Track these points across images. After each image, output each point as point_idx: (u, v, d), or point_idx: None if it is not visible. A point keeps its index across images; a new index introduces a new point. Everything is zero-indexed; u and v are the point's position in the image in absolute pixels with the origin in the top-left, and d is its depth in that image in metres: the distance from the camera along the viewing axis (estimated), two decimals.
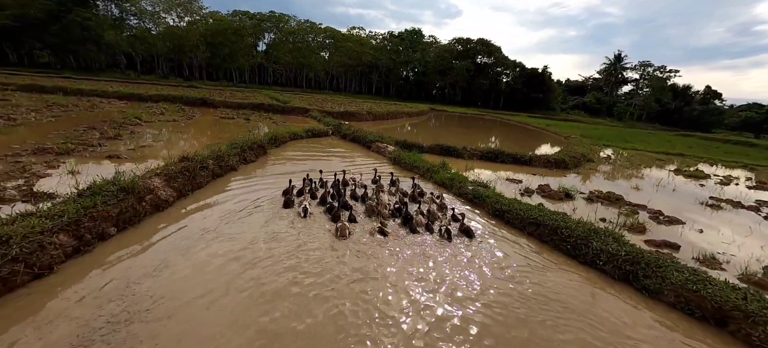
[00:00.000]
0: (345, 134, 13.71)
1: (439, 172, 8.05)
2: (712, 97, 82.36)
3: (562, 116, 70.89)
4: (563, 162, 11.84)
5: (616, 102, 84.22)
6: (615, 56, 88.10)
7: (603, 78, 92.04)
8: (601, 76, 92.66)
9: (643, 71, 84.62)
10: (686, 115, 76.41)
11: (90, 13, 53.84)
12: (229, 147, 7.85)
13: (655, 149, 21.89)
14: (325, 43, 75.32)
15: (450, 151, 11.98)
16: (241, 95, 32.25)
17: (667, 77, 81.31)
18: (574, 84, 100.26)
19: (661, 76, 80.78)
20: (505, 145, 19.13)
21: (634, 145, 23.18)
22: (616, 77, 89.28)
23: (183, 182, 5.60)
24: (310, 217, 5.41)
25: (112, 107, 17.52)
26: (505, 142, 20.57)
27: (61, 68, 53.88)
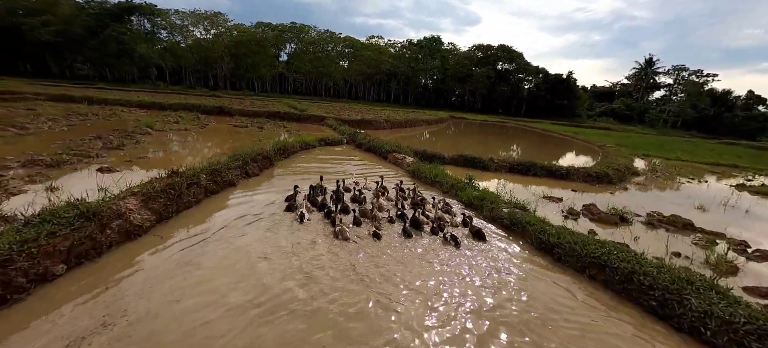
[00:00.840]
0: (360, 143, 12.81)
1: (465, 189, 6.91)
2: (755, 102, 76.07)
3: (589, 123, 67.52)
4: (606, 176, 10.35)
5: (647, 108, 79.54)
6: (646, 60, 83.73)
7: (632, 83, 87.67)
8: (630, 81, 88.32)
9: (677, 76, 79.83)
10: (727, 121, 70.85)
11: (125, 27, 57.11)
12: (229, 159, 7.09)
13: (702, 160, 19.64)
14: (344, 52, 76.03)
15: (474, 163, 10.79)
16: (260, 104, 32.33)
17: (704, 82, 76.02)
18: (601, 90, 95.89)
19: (698, 81, 75.60)
20: (532, 155, 17.62)
21: (676, 154, 20.96)
22: (647, 82, 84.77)
23: (165, 202, 4.79)
24: (306, 222, 5.25)
25: (130, 116, 17.57)
26: (532, 152, 19.03)
27: (97, 80, 57.11)
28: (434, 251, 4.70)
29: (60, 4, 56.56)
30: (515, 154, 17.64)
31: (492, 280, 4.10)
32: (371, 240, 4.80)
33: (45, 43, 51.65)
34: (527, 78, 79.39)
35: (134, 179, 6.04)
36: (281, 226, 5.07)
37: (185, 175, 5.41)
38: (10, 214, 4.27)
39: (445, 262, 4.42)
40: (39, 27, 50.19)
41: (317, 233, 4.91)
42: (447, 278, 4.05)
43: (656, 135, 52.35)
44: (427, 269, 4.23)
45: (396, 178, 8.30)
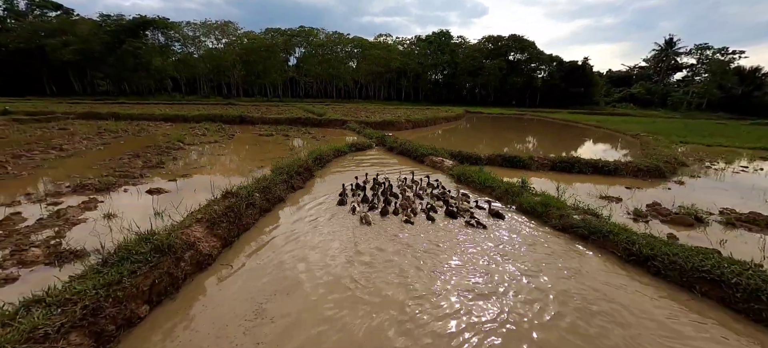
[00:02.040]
0: (391, 147, 12.52)
1: (521, 193, 6.51)
2: None
3: (609, 110, 65.55)
4: (657, 169, 9.73)
5: (669, 91, 76.26)
6: (666, 41, 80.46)
7: (652, 66, 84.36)
8: (648, 63, 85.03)
9: (700, 55, 76.31)
10: (756, 100, 67.22)
11: (140, 42, 58.82)
12: (274, 174, 6.92)
13: (744, 144, 18.48)
14: (353, 52, 75.94)
15: (513, 162, 10.34)
16: (276, 110, 32.49)
17: (729, 60, 72.29)
18: (617, 74, 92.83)
19: (723, 59, 71.92)
20: (559, 148, 17.02)
21: (715, 140, 19.84)
22: (668, 64, 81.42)
23: (227, 227, 4.63)
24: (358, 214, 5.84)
25: (158, 130, 17.85)
26: (560, 145, 18.36)
27: (116, 95, 59.02)
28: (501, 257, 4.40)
29: (79, 24, 58.74)
30: (531, 146, 17.04)
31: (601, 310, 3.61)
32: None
33: (67, 63, 53.71)
34: (541, 67, 77.48)
35: (186, 201, 5.94)
36: (341, 227, 5.24)
37: (241, 196, 5.24)
38: (79, 247, 4.18)
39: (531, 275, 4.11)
40: (60, 47, 52.18)
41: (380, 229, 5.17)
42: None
43: (682, 119, 50.17)
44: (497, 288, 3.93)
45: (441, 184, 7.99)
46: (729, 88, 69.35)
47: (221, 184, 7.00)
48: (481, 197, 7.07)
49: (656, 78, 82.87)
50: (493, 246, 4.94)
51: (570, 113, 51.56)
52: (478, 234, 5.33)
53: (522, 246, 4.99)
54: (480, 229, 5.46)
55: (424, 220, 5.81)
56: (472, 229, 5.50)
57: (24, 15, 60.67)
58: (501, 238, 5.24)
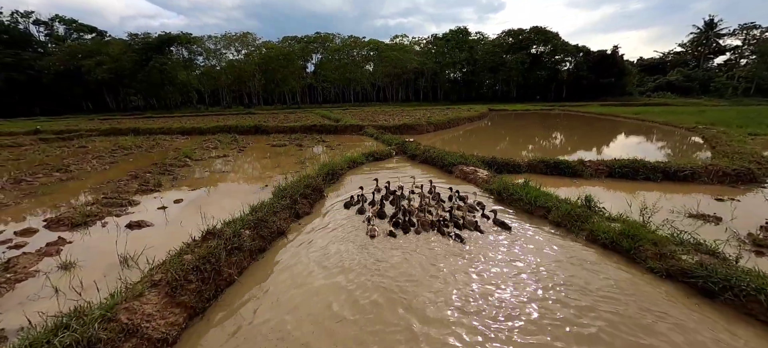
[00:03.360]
0: (414, 154, 11.13)
1: (589, 217, 4.95)
2: None
3: (644, 100, 61.00)
4: (749, 172, 7.78)
5: (712, 76, 70.21)
6: (706, 22, 74.48)
7: (689, 50, 78.11)
8: (685, 48, 78.83)
9: (746, 36, 69.89)
10: None
11: (166, 58, 61.18)
12: (274, 199, 5.76)
13: None
14: (369, 55, 75.33)
15: (560, 169, 8.67)
16: (293, 117, 32.01)
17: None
18: (649, 62, 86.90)
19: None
20: (600, 147, 14.97)
21: (758, 129, 16.99)
22: (710, 47, 75.12)
23: (198, 287, 3.44)
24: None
25: (172, 144, 17.48)
26: (599, 143, 16.26)
27: (145, 109, 61.60)
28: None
29: (111, 44, 61.95)
30: (571, 147, 15.04)
31: None
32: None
33: (101, 81, 56.66)
34: (566, 59, 73.57)
35: (163, 241, 4.88)
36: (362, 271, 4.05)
37: (224, 236, 4.09)
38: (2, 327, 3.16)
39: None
40: (95, 67, 55.12)
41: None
42: None
43: (731, 106, 45.45)
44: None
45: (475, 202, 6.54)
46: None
47: (215, 212, 5.94)
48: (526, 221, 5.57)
49: (694, 63, 76.84)
50: (587, 317, 3.37)
51: (601, 106, 48.15)
52: (554, 276, 3.86)
53: (625, 317, 3.28)
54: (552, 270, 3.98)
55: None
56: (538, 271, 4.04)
57: (63, 39, 64.78)
58: (589, 290, 3.74)
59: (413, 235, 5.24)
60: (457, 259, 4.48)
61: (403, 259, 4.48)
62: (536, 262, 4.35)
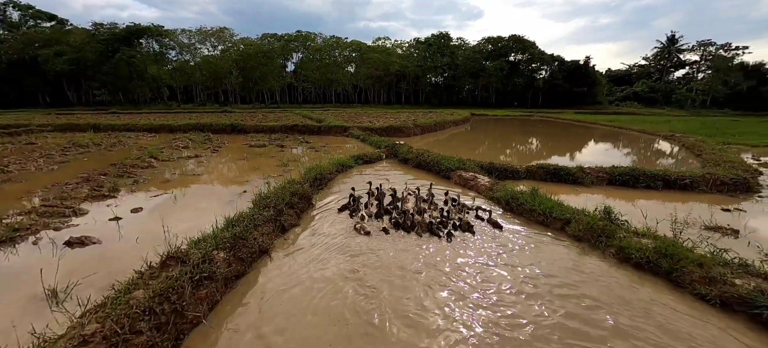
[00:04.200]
0: (406, 158, 10.47)
1: (615, 233, 4.46)
2: None
3: (613, 109, 64.18)
4: (744, 181, 7.75)
5: (673, 89, 75.09)
6: (668, 38, 79.73)
7: (653, 63, 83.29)
8: (648, 61, 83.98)
9: (703, 51, 75.36)
10: (763, 95, 65.97)
11: (134, 50, 57.47)
12: (255, 210, 4.91)
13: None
14: (351, 56, 74.42)
15: (560, 176, 8.34)
16: (273, 117, 30.65)
17: (733, 56, 71.33)
18: (617, 73, 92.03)
19: (726, 55, 70.93)
20: (586, 153, 15.04)
21: (744, 140, 17.89)
22: (671, 61, 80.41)
23: (149, 339, 2.55)
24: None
25: (137, 142, 15.91)
26: (584, 150, 16.39)
27: (110, 104, 57.46)
28: None
29: (72, 33, 57.39)
30: (546, 147, 15.03)
31: None
32: None
33: (61, 73, 52.23)
34: (542, 67, 76.37)
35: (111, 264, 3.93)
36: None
37: (191, 261, 3.22)
38: None
39: None
40: (53, 58, 50.73)
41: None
42: None
43: (691, 116, 48.48)
44: None
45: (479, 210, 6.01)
46: (733, 84, 68.26)
47: (181, 225, 5.00)
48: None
49: (657, 76, 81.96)
50: None
51: (576, 113, 50.03)
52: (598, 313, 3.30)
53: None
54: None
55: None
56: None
57: (17, 26, 59.29)
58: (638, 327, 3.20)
59: (415, 238, 4.80)
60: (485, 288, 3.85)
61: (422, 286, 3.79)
62: (576, 290, 3.79)
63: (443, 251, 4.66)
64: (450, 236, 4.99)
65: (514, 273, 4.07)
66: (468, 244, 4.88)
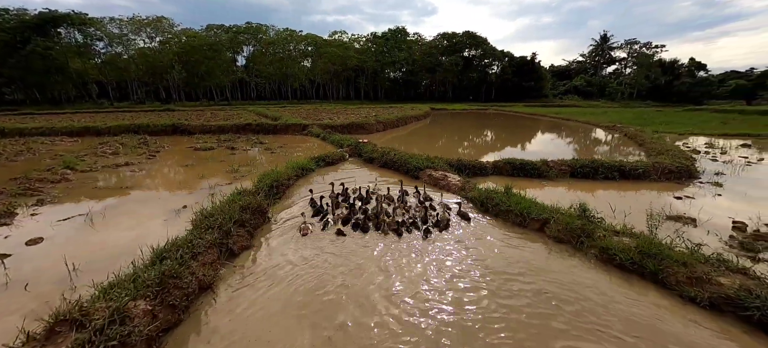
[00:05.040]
0: (371, 157, 9.86)
1: (594, 232, 4.28)
2: (696, 68, 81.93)
3: (557, 102, 69.42)
4: (686, 169, 8.34)
5: (606, 83, 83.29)
6: (601, 37, 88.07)
7: (589, 60, 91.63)
8: (584, 58, 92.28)
9: (629, 49, 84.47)
10: (676, 89, 75.96)
11: (51, 41, 49.59)
12: (194, 233, 4.00)
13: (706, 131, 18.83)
14: (307, 50, 71.75)
15: (526, 170, 8.33)
16: (223, 115, 28.23)
17: (653, 53, 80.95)
18: (558, 69, 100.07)
19: (648, 53, 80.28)
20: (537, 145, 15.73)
21: (687, 128, 20.06)
22: (604, 57, 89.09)
23: None
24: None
25: (53, 149, 13.43)
26: (539, 142, 17.16)
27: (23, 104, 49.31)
28: None
29: None
30: (493, 139, 15.57)
31: None
32: None
33: None
34: (494, 63, 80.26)
35: None
36: None
37: (94, 325, 2.34)
38: None
39: None
40: None
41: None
42: None
43: (622, 108, 53.93)
44: None
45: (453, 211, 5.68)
46: (654, 79, 77.35)
47: (91, 261, 3.96)
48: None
49: (592, 71, 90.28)
50: None
51: (525, 106, 53.16)
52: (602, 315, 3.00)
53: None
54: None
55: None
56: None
57: None
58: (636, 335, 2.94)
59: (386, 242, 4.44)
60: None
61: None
62: (570, 297, 3.50)
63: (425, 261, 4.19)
64: (427, 233, 4.87)
65: (496, 285, 3.71)
66: (446, 249, 4.49)
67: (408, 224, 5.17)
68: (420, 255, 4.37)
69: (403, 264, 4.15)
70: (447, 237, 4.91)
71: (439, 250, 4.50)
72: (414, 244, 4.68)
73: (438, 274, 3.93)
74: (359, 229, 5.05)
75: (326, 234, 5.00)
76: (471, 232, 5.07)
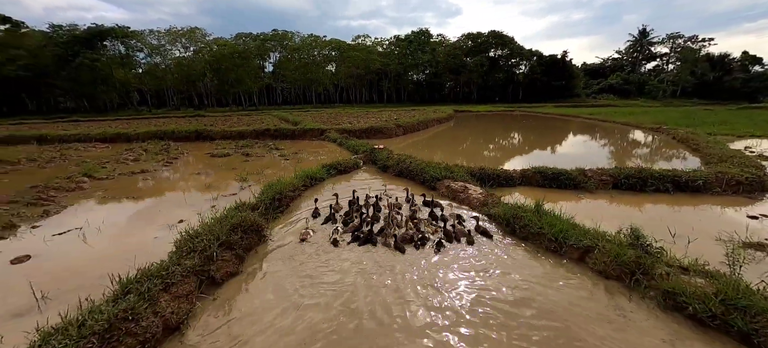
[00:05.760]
0: (385, 165, 9.24)
1: (653, 267, 3.35)
2: (751, 62, 74.38)
3: (591, 102, 65.37)
4: (758, 181, 6.98)
5: (645, 80, 77.62)
6: (640, 31, 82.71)
7: (626, 56, 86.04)
8: (621, 54, 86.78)
9: (672, 44, 78.37)
10: (727, 85, 69.42)
11: (97, 53, 53.57)
12: (173, 258, 3.56)
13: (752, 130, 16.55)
14: (331, 55, 72.62)
15: (560, 180, 7.33)
16: (247, 120, 28.84)
17: (700, 48, 74.59)
18: (591, 67, 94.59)
19: (693, 47, 74.07)
20: (570, 149, 14.35)
21: (741, 129, 17.73)
22: (643, 53, 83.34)
23: None
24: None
25: (84, 154, 14.01)
26: (574, 147, 15.72)
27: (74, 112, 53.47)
28: None
29: (27, 36, 52.92)
30: (520, 142, 14.26)
31: None
32: None
33: (15, 80, 48.05)
34: (521, 62, 77.24)
35: None
36: None
37: None
38: None
39: None
40: (4, 63, 46.53)
41: None
42: None
43: (664, 107, 49.84)
44: None
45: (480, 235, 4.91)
46: (701, 75, 71.26)
47: (59, 297, 3.61)
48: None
49: (629, 68, 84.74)
50: None
51: (555, 107, 50.48)
52: None
53: None
54: None
55: None
56: None
57: None
58: None
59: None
60: None
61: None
62: None
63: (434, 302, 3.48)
64: (440, 246, 4.52)
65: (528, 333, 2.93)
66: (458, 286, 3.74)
67: (417, 241, 4.68)
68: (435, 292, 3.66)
69: (411, 300, 3.46)
70: (465, 261, 4.16)
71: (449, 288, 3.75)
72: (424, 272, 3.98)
73: (451, 320, 3.20)
74: (366, 243, 4.76)
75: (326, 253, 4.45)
76: (493, 259, 4.28)
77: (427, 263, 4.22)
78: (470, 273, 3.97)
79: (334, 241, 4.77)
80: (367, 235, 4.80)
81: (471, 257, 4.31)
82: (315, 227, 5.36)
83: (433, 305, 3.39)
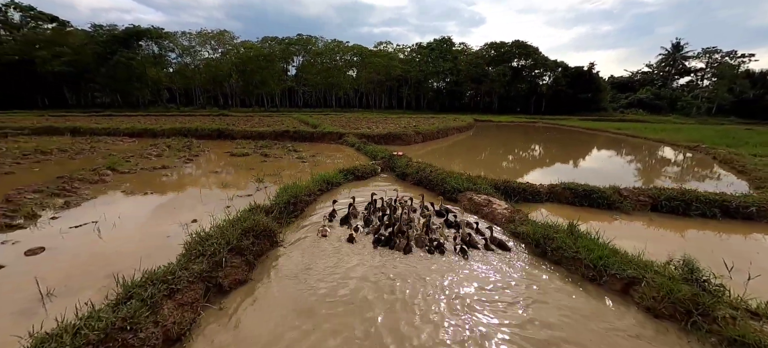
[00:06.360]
0: (404, 173, 8.95)
1: (714, 308, 2.90)
2: None
3: (618, 116, 62.67)
4: None
5: (678, 96, 73.67)
6: (673, 45, 78.70)
7: (657, 70, 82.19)
8: (651, 68, 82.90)
9: (708, 59, 74.24)
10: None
11: (133, 53, 56.75)
12: (181, 262, 3.41)
13: None
14: (353, 60, 73.54)
15: (592, 199, 6.81)
16: (268, 120, 29.35)
17: (739, 63, 70.21)
18: (619, 80, 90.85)
19: (732, 63, 69.78)
20: (595, 165, 13.53)
21: (762, 150, 16.26)
22: (676, 68, 79.34)
23: None
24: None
25: (112, 148, 14.53)
26: (600, 162, 14.87)
27: (109, 107, 56.53)
28: None
29: (71, 35, 56.72)
30: (543, 155, 13.49)
31: None
32: None
33: (59, 75, 51.52)
34: (545, 73, 75.34)
35: None
36: None
37: None
38: None
39: None
40: (50, 59, 50.01)
41: None
42: None
43: (699, 124, 47.07)
44: None
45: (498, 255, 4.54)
46: (740, 92, 67.01)
47: (66, 292, 3.51)
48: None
49: (661, 83, 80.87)
50: None
51: (581, 120, 48.71)
52: None
53: None
54: None
55: None
56: None
57: (18, 27, 58.58)
58: None
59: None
60: None
61: None
62: None
63: None
64: (464, 253, 4.53)
65: None
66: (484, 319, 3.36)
67: (432, 247, 4.69)
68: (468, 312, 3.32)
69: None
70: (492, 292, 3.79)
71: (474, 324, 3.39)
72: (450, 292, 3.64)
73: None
74: (385, 245, 4.80)
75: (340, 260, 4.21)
76: (522, 290, 3.88)
77: (456, 277, 3.88)
78: (498, 304, 3.59)
79: (350, 238, 4.88)
80: (387, 237, 4.85)
81: (494, 281, 3.94)
82: (333, 225, 5.49)
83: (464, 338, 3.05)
